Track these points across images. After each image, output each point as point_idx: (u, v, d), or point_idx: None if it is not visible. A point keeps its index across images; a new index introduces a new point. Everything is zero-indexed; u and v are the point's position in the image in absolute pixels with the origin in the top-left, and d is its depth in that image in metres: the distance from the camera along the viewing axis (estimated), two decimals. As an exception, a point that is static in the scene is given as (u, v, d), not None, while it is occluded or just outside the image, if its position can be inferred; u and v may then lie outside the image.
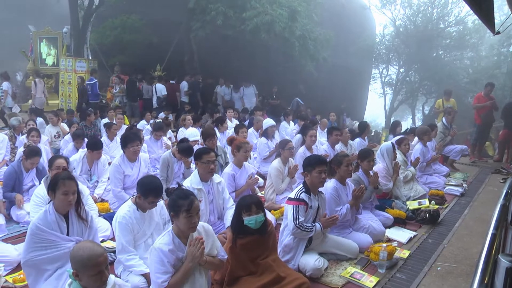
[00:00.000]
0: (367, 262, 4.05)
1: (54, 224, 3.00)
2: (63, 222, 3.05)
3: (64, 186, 2.97)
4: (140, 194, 3.39)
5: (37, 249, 2.94)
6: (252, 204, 3.24)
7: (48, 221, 3.00)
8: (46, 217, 3.01)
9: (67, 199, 2.99)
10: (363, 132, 8.04)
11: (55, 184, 2.99)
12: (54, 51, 16.23)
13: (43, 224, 2.97)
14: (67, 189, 2.98)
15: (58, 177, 3.04)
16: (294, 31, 13.15)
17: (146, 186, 3.38)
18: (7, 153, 7.07)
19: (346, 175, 4.47)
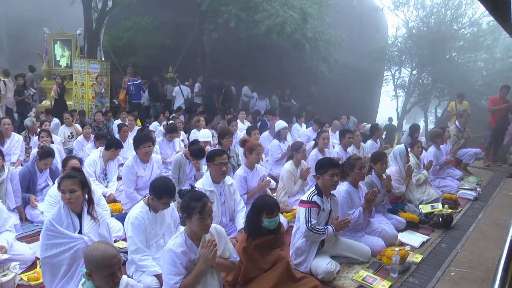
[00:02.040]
0: (380, 266, 4.02)
1: (66, 220, 3.05)
2: (76, 219, 3.10)
3: (62, 185, 3.07)
4: (154, 196, 3.40)
5: (51, 246, 2.98)
6: (275, 207, 3.25)
7: (61, 217, 3.05)
8: (60, 213, 3.07)
9: (64, 197, 3.05)
10: (374, 134, 7.98)
11: (59, 183, 3.12)
12: (68, 52, 16.44)
13: (55, 220, 3.03)
14: (64, 188, 3.05)
15: (61, 177, 3.17)
16: (306, 33, 13.12)
17: (159, 188, 3.40)
18: (22, 153, 7.18)
19: (359, 178, 4.45)
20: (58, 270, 3.02)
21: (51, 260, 2.99)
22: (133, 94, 12.80)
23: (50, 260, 2.99)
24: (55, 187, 4.28)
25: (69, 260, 3.01)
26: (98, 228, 3.16)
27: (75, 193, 3.05)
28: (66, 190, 3.04)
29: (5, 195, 4.75)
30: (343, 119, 11.85)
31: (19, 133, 7.63)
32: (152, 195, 3.43)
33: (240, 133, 8.42)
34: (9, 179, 4.84)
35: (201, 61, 16.19)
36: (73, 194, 3.05)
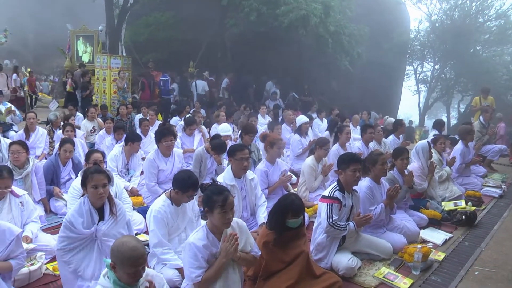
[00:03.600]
0: (401, 263, 3.97)
1: (87, 214, 3.08)
2: (96, 214, 3.12)
3: (93, 180, 3.03)
4: (178, 189, 3.43)
5: (66, 239, 3.03)
6: (301, 209, 3.22)
7: (82, 211, 3.08)
8: (81, 207, 3.09)
9: (97, 192, 3.04)
10: (397, 130, 7.86)
11: (85, 178, 3.08)
12: (90, 48, 16.73)
13: (75, 215, 3.06)
14: (96, 183, 3.03)
15: (88, 171, 3.12)
16: (328, 26, 13.01)
17: (184, 181, 3.42)
18: (46, 147, 7.34)
19: (380, 174, 4.39)
20: (67, 268, 3.06)
21: (63, 254, 3.03)
22: (163, 89, 12.98)
23: (62, 253, 3.03)
24: (79, 180, 4.37)
25: (77, 261, 3.06)
26: (116, 225, 3.17)
27: (106, 187, 3.08)
28: (99, 185, 3.04)
29: (31, 187, 4.86)
30: (364, 114, 11.71)
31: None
32: (176, 189, 3.45)
33: (261, 128, 8.41)
34: (33, 172, 4.96)
35: (222, 56, 16.23)
36: (105, 188, 3.07)
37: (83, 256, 3.08)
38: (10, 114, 8.50)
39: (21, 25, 25.65)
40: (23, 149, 4.88)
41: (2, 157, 5.84)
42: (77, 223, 3.02)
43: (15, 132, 7.96)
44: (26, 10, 27.84)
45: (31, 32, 27.81)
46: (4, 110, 8.39)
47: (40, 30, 27.57)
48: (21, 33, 22.41)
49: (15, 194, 3.95)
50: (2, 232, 2.83)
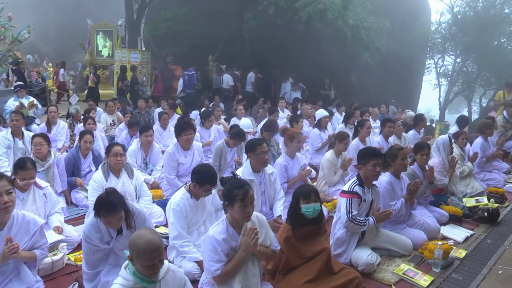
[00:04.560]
0: (421, 260, 3.92)
1: (104, 231, 2.98)
2: (113, 230, 3.01)
3: (106, 218, 2.83)
4: (196, 183, 3.44)
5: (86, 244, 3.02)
6: (311, 192, 3.23)
7: (98, 227, 2.96)
8: (97, 224, 2.95)
9: (111, 226, 2.91)
10: (418, 125, 7.74)
11: (97, 212, 2.87)
12: (110, 43, 16.93)
13: (92, 228, 2.96)
14: (110, 220, 2.85)
15: (100, 207, 2.84)
16: (347, 19, 12.86)
17: (202, 175, 3.44)
18: (67, 140, 7.47)
19: (401, 168, 4.33)
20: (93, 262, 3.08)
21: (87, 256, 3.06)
22: (188, 84, 13.06)
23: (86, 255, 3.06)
24: (99, 172, 4.45)
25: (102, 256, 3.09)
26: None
27: (120, 220, 2.92)
28: (115, 221, 2.86)
29: (52, 179, 4.97)
30: (382, 108, 11.57)
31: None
32: (194, 182, 3.47)
33: (280, 122, 8.39)
34: (55, 164, 5.07)
35: (241, 50, 16.21)
36: (121, 220, 2.91)
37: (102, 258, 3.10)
38: (33, 108, 8.66)
39: (43, 20, 26.08)
40: (45, 142, 4.99)
41: (26, 149, 5.97)
42: (94, 238, 2.96)
43: (37, 125, 8.12)
44: (48, 6, 28.32)
45: (52, 27, 28.26)
46: (27, 104, 8.56)
47: (61, 25, 28.00)
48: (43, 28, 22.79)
49: (38, 186, 4.05)
50: (27, 223, 2.89)
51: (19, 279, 2.88)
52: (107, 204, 2.81)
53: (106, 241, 2.98)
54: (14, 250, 2.68)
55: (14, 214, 2.85)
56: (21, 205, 3.81)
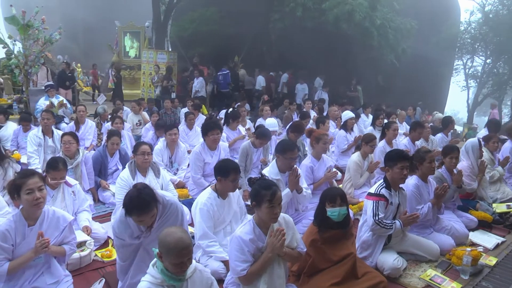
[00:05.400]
0: (449, 266, 3.83)
1: (134, 226, 2.91)
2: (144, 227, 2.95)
3: (138, 217, 2.72)
4: (220, 176, 3.48)
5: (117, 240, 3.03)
6: (337, 195, 3.21)
7: (127, 223, 2.89)
8: (126, 219, 2.86)
9: (143, 224, 2.83)
10: (446, 127, 7.57)
11: (128, 212, 2.73)
12: (137, 44, 17.25)
13: (121, 224, 2.91)
14: (142, 219, 2.74)
15: (131, 206, 2.71)
16: (374, 20, 12.74)
17: (224, 167, 3.49)
18: (94, 139, 7.63)
19: (428, 172, 4.25)
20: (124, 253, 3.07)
21: (118, 248, 3.07)
22: (221, 84, 13.25)
23: (118, 248, 3.08)
24: (126, 171, 4.52)
25: (133, 250, 3.07)
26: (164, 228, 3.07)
27: (153, 217, 2.85)
28: (148, 220, 2.78)
29: (80, 177, 5.09)
30: (409, 110, 11.38)
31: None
32: (219, 176, 3.50)
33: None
34: (83, 162, 5.19)
35: (267, 50, 16.23)
36: (154, 217, 2.85)
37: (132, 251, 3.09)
38: (62, 107, 8.91)
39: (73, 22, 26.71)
40: (74, 140, 5.12)
41: (55, 147, 6.13)
42: (123, 234, 2.91)
43: (66, 124, 8.33)
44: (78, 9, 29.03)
45: (81, 29, 28.95)
46: (56, 104, 8.80)
47: (89, 27, 28.65)
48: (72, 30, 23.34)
49: (67, 184, 4.15)
50: (57, 219, 2.97)
51: (49, 273, 2.96)
52: (139, 203, 2.67)
53: (136, 236, 2.95)
54: (45, 245, 2.76)
55: (45, 210, 2.93)
56: (51, 201, 3.92)
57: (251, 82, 14.08)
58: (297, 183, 4.19)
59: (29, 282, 2.87)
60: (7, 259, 2.77)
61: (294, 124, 6.27)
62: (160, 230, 2.71)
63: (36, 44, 9.47)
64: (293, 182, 4.17)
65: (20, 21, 9.06)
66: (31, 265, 2.87)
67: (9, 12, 9.23)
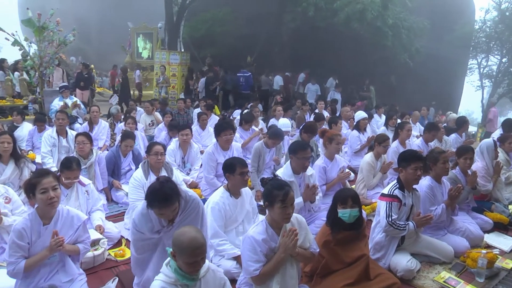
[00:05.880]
0: (463, 268, 3.77)
1: (155, 220, 2.94)
2: (165, 219, 2.98)
3: (160, 210, 2.75)
4: (229, 173, 3.50)
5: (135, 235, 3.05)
6: (348, 197, 3.19)
7: (149, 216, 2.92)
8: (148, 213, 2.90)
9: (164, 217, 2.86)
10: (460, 128, 7.48)
11: (151, 204, 2.77)
12: (150, 45, 17.38)
13: (142, 218, 2.93)
14: (164, 212, 2.76)
15: (155, 198, 2.73)
16: (387, 19, 12.63)
17: (230, 163, 3.55)
18: (108, 139, 7.70)
19: (442, 172, 4.20)
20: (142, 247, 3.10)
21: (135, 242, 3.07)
22: (243, 85, 13.32)
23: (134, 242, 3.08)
24: (139, 171, 4.55)
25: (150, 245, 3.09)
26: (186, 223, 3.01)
27: (175, 211, 2.86)
28: (169, 213, 2.79)
29: (94, 177, 5.14)
30: (423, 110, 11.26)
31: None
32: (227, 173, 3.53)
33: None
34: (97, 162, 5.25)
35: (279, 51, 16.23)
36: (175, 211, 2.86)
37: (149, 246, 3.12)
38: (76, 108, 9.01)
39: (86, 24, 27.06)
40: (87, 140, 5.18)
41: (69, 148, 6.21)
42: (144, 227, 2.92)
43: (80, 124, 8.41)
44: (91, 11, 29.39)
45: (94, 31, 29.29)
46: (70, 104, 8.91)
47: (102, 28, 28.99)
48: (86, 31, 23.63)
49: (81, 183, 4.20)
50: (71, 218, 3.00)
51: (64, 271, 3.00)
52: (162, 195, 2.69)
53: (156, 231, 2.94)
54: (59, 243, 2.79)
55: (59, 209, 2.97)
56: (65, 200, 3.97)
57: (268, 82, 14.12)
58: (312, 196, 4.22)
59: (45, 279, 2.92)
60: (24, 257, 2.81)
61: (307, 124, 6.26)
62: (181, 226, 2.76)
63: (50, 46, 9.61)
64: (309, 195, 4.19)
65: (36, 24, 9.21)
66: (46, 263, 2.91)
67: (25, 15, 9.39)
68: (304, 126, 6.19)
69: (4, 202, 3.75)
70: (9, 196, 3.83)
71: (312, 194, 4.19)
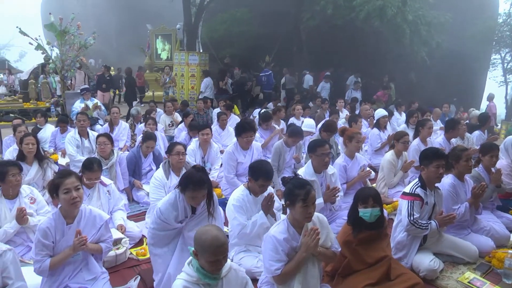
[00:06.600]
0: (489, 268, 3.68)
1: (181, 210, 3.10)
2: (189, 209, 3.14)
3: (194, 192, 2.98)
4: (251, 177, 3.49)
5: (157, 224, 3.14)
6: (369, 196, 3.15)
7: (176, 205, 3.08)
8: (176, 202, 3.09)
9: (195, 201, 3.04)
10: (484, 125, 7.31)
11: (185, 186, 3.00)
12: (168, 46, 17.53)
13: (168, 207, 3.08)
14: (196, 195, 2.99)
15: (190, 181, 2.98)
16: (406, 16, 12.42)
17: (257, 169, 3.48)
18: (128, 140, 7.80)
19: (465, 170, 4.12)
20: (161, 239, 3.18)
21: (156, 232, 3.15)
22: (265, 84, 13.42)
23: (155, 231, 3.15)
24: (160, 171, 4.60)
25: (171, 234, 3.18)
26: (206, 218, 3.19)
27: (204, 197, 3.07)
28: (199, 196, 3.01)
29: (115, 177, 5.22)
30: (445, 107, 11.04)
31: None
32: (250, 176, 3.52)
33: (339, 122, 8.27)
34: (118, 163, 5.32)
35: (298, 50, 16.17)
36: (204, 197, 3.06)
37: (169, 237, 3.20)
38: (97, 109, 9.18)
39: (106, 27, 27.48)
40: (108, 141, 5.26)
41: (91, 148, 6.32)
42: (169, 216, 3.06)
43: (101, 125, 8.54)
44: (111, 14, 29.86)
45: (113, 33, 29.73)
46: (91, 106, 9.07)
47: (121, 31, 29.41)
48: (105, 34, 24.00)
49: (103, 183, 4.28)
50: (94, 218, 3.06)
51: (87, 269, 3.05)
52: (197, 179, 2.96)
53: (180, 220, 3.10)
54: (83, 242, 2.85)
55: (82, 209, 3.02)
56: (87, 200, 4.05)
57: (293, 81, 14.11)
58: (333, 198, 4.20)
59: (69, 277, 2.98)
60: (49, 255, 2.88)
61: (326, 123, 6.23)
62: (202, 216, 3.09)
63: (72, 49, 9.81)
64: (329, 197, 4.18)
65: (58, 28, 9.41)
66: (70, 262, 2.97)
67: (48, 19, 9.61)
68: (323, 125, 6.17)
69: (30, 202, 3.85)
70: (34, 196, 3.93)
71: (332, 196, 4.17)
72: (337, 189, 4.19)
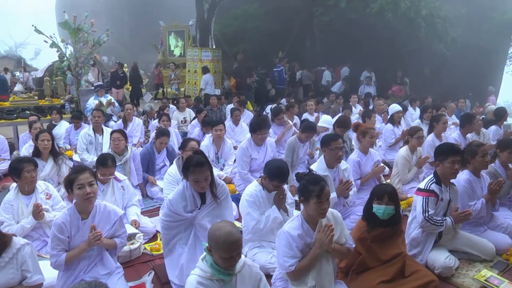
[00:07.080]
0: (507, 266, 3.61)
1: (190, 199, 3.18)
2: (198, 199, 3.21)
3: (195, 174, 3.05)
4: (266, 176, 3.48)
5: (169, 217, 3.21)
6: (385, 193, 3.12)
7: (184, 195, 3.18)
8: (184, 192, 3.19)
9: (198, 185, 3.10)
10: (500, 120, 7.18)
11: (186, 169, 3.11)
12: (181, 42, 17.60)
13: (177, 199, 3.17)
14: (198, 177, 3.06)
15: (190, 164, 3.09)
16: (420, 10, 12.27)
17: (273, 170, 3.43)
18: (142, 136, 7.86)
19: (481, 166, 4.05)
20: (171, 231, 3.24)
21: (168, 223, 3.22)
22: (277, 80, 13.46)
23: (167, 223, 3.22)
24: (174, 167, 4.63)
25: (182, 226, 3.24)
26: (218, 208, 3.25)
27: (208, 179, 3.12)
28: (202, 179, 3.06)
29: (129, 173, 5.26)
30: (461, 102, 10.87)
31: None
32: (265, 175, 3.50)
33: (352, 117, 8.21)
34: (131, 158, 5.37)
35: (311, 45, 16.08)
36: (207, 180, 3.12)
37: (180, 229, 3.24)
38: (110, 106, 9.25)
39: (119, 24, 27.71)
40: (122, 137, 5.30)
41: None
42: (178, 207, 3.14)
43: (114, 122, 8.60)
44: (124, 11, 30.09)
45: (127, 31, 29.96)
46: (105, 102, 9.15)
47: (134, 28, 29.63)
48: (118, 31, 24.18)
49: (117, 179, 4.32)
50: (108, 213, 3.08)
51: (102, 264, 3.09)
52: (196, 160, 3.08)
53: (189, 210, 3.16)
54: (97, 237, 2.87)
55: (97, 204, 3.05)
56: (102, 196, 4.09)
57: (309, 77, 14.05)
58: (346, 192, 4.17)
59: (84, 272, 3.01)
60: (64, 250, 2.91)
61: (340, 119, 6.19)
62: (213, 206, 3.16)
63: (85, 47, 9.90)
64: (342, 191, 4.15)
65: (72, 25, 9.50)
66: (86, 256, 3.00)
67: (62, 17, 9.71)
68: (337, 121, 6.13)
69: (45, 198, 3.90)
70: (50, 192, 3.98)
71: (345, 189, 4.14)
72: (350, 182, 4.17)
